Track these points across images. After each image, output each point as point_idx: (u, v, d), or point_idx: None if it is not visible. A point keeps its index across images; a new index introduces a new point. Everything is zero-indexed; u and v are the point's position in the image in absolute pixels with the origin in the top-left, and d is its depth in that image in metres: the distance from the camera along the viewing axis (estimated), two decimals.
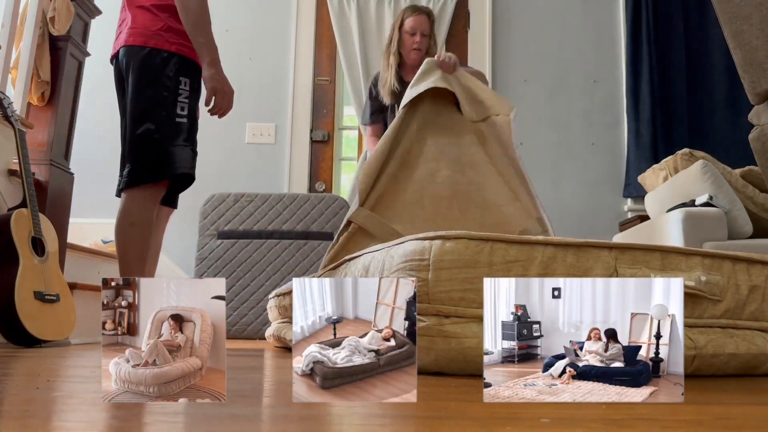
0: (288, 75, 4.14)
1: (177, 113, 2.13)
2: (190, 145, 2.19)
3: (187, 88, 2.16)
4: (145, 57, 2.13)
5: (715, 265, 1.40)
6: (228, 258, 3.49)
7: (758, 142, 1.08)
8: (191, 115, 2.18)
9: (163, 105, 2.12)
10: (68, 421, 0.66)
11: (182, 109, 2.13)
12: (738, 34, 1.02)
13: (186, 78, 2.16)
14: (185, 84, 2.15)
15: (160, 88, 2.12)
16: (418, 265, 1.25)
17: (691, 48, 4.14)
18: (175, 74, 2.14)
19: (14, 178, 2.61)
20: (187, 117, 2.16)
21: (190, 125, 2.18)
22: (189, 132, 2.18)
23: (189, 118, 2.17)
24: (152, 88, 2.12)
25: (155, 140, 2.10)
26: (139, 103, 2.12)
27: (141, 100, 2.12)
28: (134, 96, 2.13)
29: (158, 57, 2.12)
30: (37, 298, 2.22)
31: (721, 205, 2.82)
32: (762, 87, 1.00)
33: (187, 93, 2.16)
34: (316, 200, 3.65)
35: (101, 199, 3.94)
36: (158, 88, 2.12)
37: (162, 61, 2.12)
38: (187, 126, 2.16)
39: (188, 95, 2.16)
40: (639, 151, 4.01)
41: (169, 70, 2.13)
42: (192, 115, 2.19)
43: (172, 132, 2.12)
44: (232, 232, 3.53)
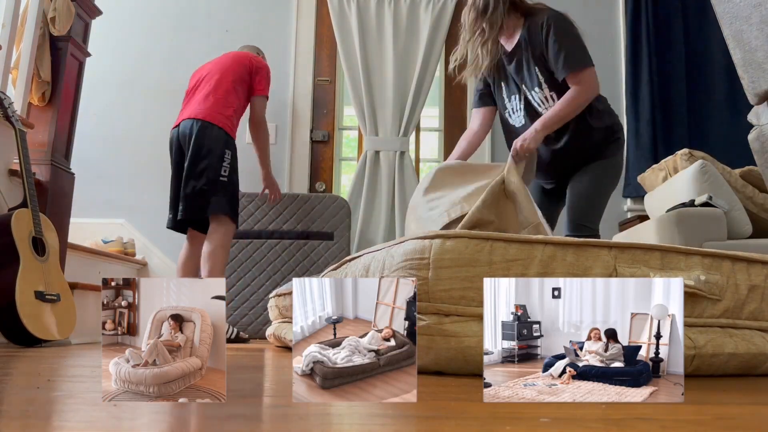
0: (288, 75, 4.14)
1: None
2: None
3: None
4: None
5: (715, 264, 1.40)
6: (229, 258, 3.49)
7: (757, 143, 1.08)
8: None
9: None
10: (68, 421, 0.66)
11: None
12: (737, 35, 1.02)
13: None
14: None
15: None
16: (418, 264, 1.25)
17: (691, 48, 4.14)
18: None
19: (15, 178, 2.61)
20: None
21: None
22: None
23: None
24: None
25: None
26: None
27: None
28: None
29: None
30: (37, 297, 2.23)
31: (720, 205, 2.82)
32: (761, 87, 1.00)
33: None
34: (317, 200, 3.65)
35: (101, 199, 3.95)
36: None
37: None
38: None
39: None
40: (639, 151, 4.01)
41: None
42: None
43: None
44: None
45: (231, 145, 3.03)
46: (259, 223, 3.60)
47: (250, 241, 3.56)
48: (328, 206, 3.63)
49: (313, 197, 3.66)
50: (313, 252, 3.56)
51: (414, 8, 4.12)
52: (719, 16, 1.06)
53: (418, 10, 4.12)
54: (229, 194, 2.97)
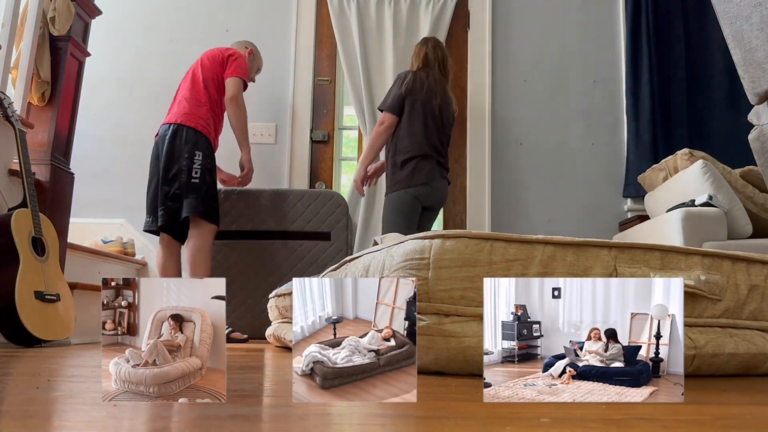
0: (288, 75, 4.14)
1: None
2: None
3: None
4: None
5: (715, 264, 1.40)
6: (222, 259, 3.45)
7: (758, 142, 1.08)
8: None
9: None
10: (68, 421, 0.66)
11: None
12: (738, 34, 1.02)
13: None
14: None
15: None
16: (418, 264, 1.26)
17: (691, 48, 4.14)
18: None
19: (14, 178, 2.61)
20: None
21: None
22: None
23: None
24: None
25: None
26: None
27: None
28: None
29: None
30: (37, 298, 2.23)
31: (720, 205, 2.82)
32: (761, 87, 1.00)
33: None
34: (311, 197, 3.50)
35: (101, 199, 3.95)
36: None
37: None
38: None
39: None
40: (639, 151, 4.01)
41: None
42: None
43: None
44: (228, 233, 3.45)
45: (202, 145, 3.04)
46: (251, 223, 3.48)
47: (243, 241, 3.46)
48: (324, 203, 3.50)
49: (308, 193, 3.52)
50: (308, 254, 3.45)
51: (414, 8, 4.12)
52: (719, 16, 1.06)
53: (418, 10, 4.12)
54: (202, 195, 2.98)
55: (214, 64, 3.20)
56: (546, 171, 4.07)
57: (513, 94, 4.13)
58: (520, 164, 4.09)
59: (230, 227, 3.45)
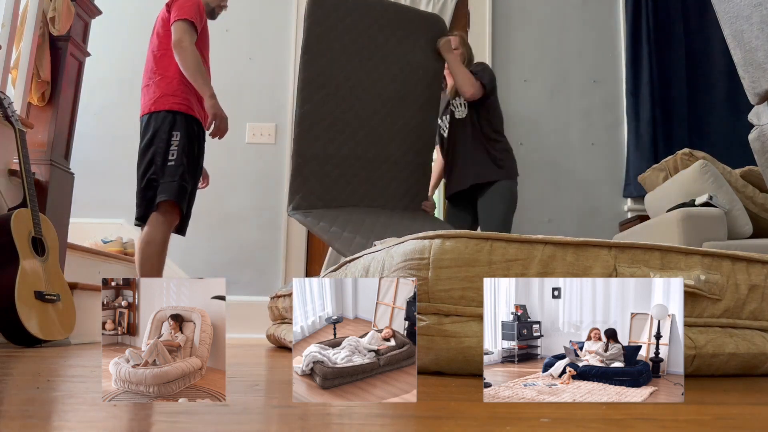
0: (288, 75, 4.14)
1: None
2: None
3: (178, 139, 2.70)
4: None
5: (715, 264, 1.40)
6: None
7: (758, 142, 1.08)
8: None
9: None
10: (68, 421, 0.66)
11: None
12: (738, 34, 1.02)
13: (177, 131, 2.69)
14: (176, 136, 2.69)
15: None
16: (418, 264, 1.25)
17: (691, 48, 4.14)
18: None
19: (14, 178, 2.61)
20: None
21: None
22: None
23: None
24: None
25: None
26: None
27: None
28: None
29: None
30: (37, 298, 2.23)
31: (720, 205, 2.82)
32: (762, 87, 1.00)
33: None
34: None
35: (101, 199, 3.95)
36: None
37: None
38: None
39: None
40: (639, 151, 4.01)
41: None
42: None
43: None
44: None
45: (179, 125, 2.67)
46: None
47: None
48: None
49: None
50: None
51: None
52: (719, 16, 1.06)
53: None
54: (178, 178, 2.63)
55: (156, 31, 2.78)
56: (546, 171, 4.07)
57: (513, 94, 4.12)
58: (519, 164, 4.08)
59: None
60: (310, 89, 2.69)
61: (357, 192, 2.80)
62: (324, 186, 2.72)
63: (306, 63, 2.70)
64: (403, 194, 2.93)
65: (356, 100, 2.79)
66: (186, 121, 2.70)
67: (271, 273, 3.91)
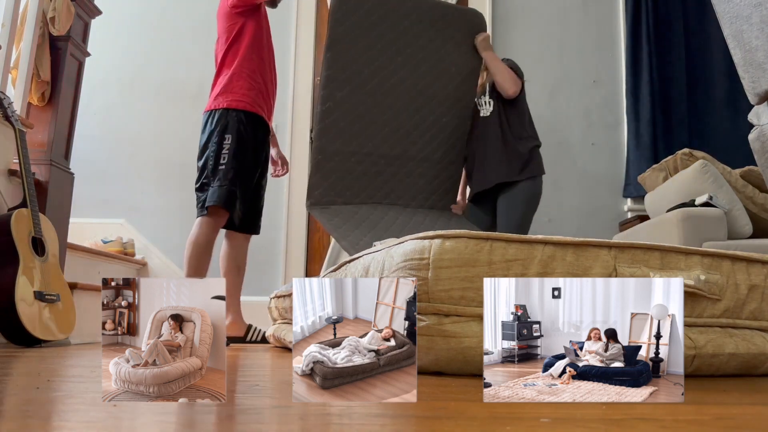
0: (288, 75, 4.14)
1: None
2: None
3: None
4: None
5: (715, 264, 1.40)
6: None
7: (758, 142, 1.08)
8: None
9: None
10: (68, 421, 0.66)
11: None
12: (738, 34, 1.02)
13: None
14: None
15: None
16: (417, 264, 1.25)
17: (691, 48, 4.14)
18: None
19: (14, 178, 2.61)
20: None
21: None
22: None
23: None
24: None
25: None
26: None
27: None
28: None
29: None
30: (37, 298, 2.23)
31: (720, 205, 2.82)
32: (762, 87, 1.00)
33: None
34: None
35: (101, 199, 3.95)
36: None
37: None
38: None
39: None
40: (639, 151, 4.01)
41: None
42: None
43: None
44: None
45: (231, 127, 2.68)
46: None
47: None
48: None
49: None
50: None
51: None
52: (719, 16, 1.06)
53: None
54: (228, 183, 2.64)
55: (221, 18, 2.79)
56: (546, 171, 4.06)
57: None
58: None
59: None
60: (332, 86, 2.65)
61: (380, 189, 2.76)
62: (345, 182, 2.69)
63: (329, 60, 2.66)
64: (429, 192, 2.87)
65: (383, 96, 2.75)
66: (238, 119, 2.71)
67: (271, 273, 3.91)
